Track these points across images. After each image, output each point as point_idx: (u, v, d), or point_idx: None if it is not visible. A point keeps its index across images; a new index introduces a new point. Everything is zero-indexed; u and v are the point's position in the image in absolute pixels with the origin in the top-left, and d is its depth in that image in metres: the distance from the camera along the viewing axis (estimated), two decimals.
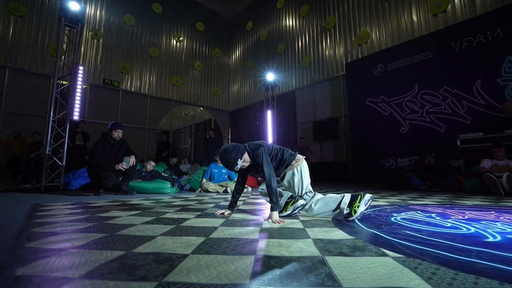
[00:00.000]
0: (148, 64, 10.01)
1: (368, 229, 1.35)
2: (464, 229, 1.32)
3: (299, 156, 1.89)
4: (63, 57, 4.67)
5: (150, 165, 4.40)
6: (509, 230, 1.30)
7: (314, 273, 0.76)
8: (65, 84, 4.53)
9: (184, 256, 0.92)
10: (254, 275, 0.75)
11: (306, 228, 1.39)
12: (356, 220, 1.60)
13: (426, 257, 0.89)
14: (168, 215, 1.86)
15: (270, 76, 8.52)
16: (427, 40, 6.10)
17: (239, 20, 12.89)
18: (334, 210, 1.65)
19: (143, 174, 4.21)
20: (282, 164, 1.84)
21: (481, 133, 4.42)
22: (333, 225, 1.47)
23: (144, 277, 0.73)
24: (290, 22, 10.22)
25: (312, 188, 1.91)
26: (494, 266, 0.81)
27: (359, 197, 1.59)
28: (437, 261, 0.85)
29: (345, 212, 1.59)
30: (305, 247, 1.04)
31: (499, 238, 1.14)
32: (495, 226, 1.40)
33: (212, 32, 12.39)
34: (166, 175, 4.35)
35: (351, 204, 1.58)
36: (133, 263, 0.85)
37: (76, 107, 4.73)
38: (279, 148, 1.90)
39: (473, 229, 1.32)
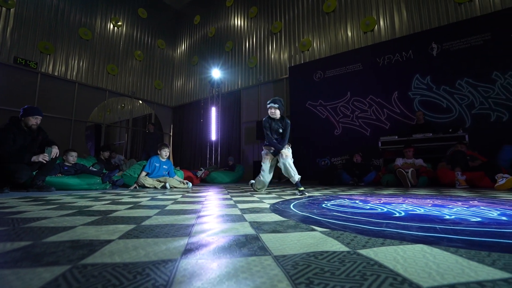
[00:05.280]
0: (77, 46, 8.78)
1: (301, 213, 1.45)
2: (379, 210, 1.53)
3: None
4: None
5: (72, 157, 3.82)
6: (410, 208, 1.56)
7: (248, 247, 0.78)
8: None
9: (109, 241, 0.83)
10: (187, 252, 0.73)
11: (244, 214, 1.41)
12: (292, 207, 1.70)
13: (347, 230, 1.00)
14: (94, 208, 1.66)
15: (216, 73, 8.43)
16: (358, 53, 6.89)
17: (187, 13, 12.40)
18: None
19: (65, 168, 3.64)
20: None
21: (396, 136, 5.22)
22: (270, 211, 1.53)
23: (55, 262, 0.63)
24: (238, 21, 10.29)
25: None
26: (397, 231, 0.95)
27: None
28: (356, 231, 0.97)
29: None
30: (241, 228, 1.05)
31: (403, 214, 1.36)
32: (401, 207, 1.66)
33: (157, 22, 11.59)
34: (95, 169, 3.85)
35: None
36: (42, 251, 0.73)
37: None
38: None
39: (385, 209, 1.54)
